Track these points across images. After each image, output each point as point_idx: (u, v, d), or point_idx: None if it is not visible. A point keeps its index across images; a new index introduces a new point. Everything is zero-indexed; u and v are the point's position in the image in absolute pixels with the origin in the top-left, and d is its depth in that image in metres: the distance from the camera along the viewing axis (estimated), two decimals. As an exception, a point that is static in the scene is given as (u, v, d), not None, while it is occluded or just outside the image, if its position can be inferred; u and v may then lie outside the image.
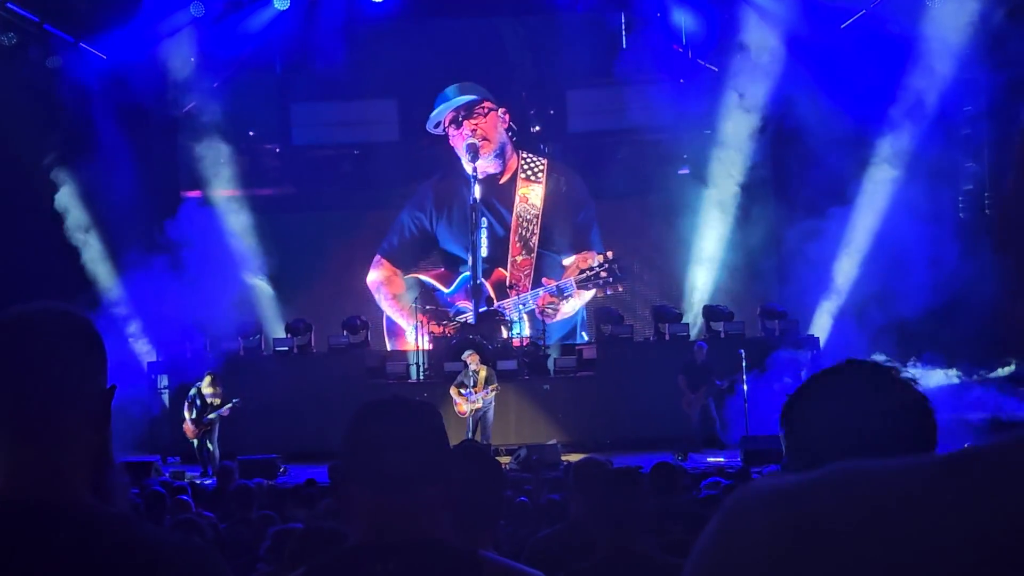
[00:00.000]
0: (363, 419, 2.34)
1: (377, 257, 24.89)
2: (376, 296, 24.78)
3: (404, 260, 24.89)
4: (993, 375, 19.96)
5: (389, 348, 23.80)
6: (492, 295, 23.63)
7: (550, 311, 23.20)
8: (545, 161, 24.89)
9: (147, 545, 1.73)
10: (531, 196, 24.72)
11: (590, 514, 4.19)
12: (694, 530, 1.66)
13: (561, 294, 22.85)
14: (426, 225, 24.91)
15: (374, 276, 24.83)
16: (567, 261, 24.18)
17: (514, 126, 24.76)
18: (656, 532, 4.75)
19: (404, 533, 2.24)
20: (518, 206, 24.57)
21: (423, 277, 24.63)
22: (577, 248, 24.36)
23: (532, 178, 24.80)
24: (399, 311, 24.43)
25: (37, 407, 1.74)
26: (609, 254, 22.08)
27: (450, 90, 24.39)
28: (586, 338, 23.98)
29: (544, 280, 23.79)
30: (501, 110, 24.43)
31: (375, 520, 2.27)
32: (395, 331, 24.62)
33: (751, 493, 0.77)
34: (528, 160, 24.84)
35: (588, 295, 23.33)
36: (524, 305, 23.38)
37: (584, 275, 22.26)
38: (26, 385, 1.74)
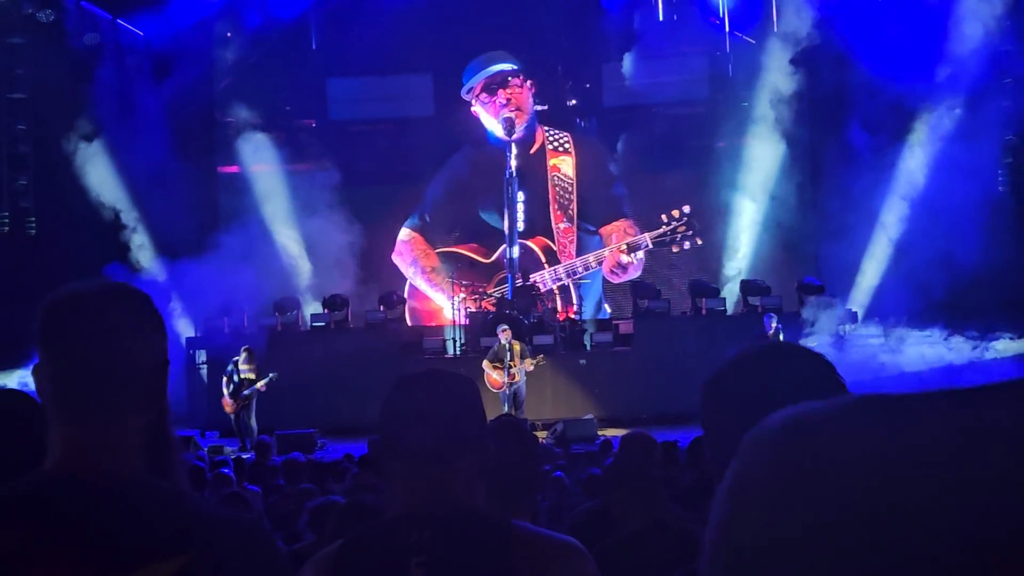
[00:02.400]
0: (399, 392, 2.35)
1: (406, 231, 24.88)
2: (408, 271, 24.77)
3: (435, 233, 24.88)
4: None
5: (409, 323, 23.78)
6: (543, 259, 23.60)
7: (618, 271, 22.99)
8: (568, 134, 24.83)
9: (200, 517, 1.75)
10: (563, 167, 24.66)
11: (626, 487, 4.20)
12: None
13: (634, 252, 22.60)
14: (456, 197, 24.87)
15: (404, 251, 24.83)
16: (605, 230, 24.17)
17: (538, 100, 24.69)
18: (692, 506, 4.76)
19: (439, 504, 2.26)
20: (552, 176, 24.51)
21: (460, 250, 24.61)
22: (610, 220, 24.31)
23: (561, 149, 24.74)
24: (434, 285, 24.44)
25: (95, 381, 1.76)
26: (686, 208, 21.78)
27: (483, 58, 24.31)
28: (608, 310, 23.88)
29: (615, 237, 23.60)
30: (529, 82, 24.37)
31: (411, 492, 2.29)
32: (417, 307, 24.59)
33: (767, 424, 0.74)
34: (552, 133, 24.77)
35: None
36: (587, 268, 23.24)
37: (661, 231, 21.97)
38: (85, 359, 1.76)
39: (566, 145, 24.77)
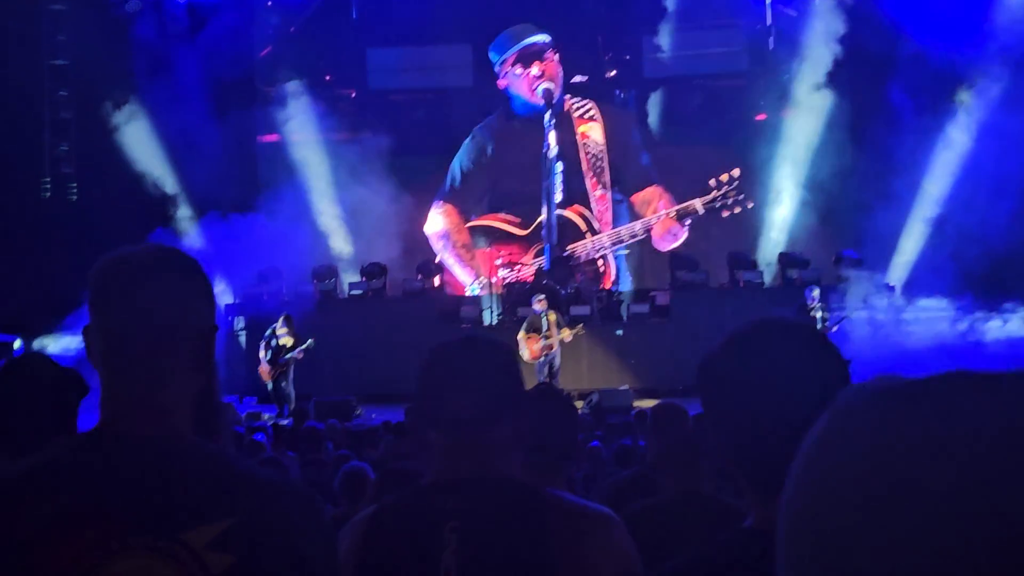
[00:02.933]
0: (437, 359, 2.36)
1: (438, 203, 24.85)
2: (437, 244, 24.74)
3: (466, 204, 24.86)
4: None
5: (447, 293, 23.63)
6: (583, 228, 23.55)
7: (670, 237, 22.95)
8: (592, 102, 24.70)
9: (248, 479, 1.78)
10: (592, 133, 24.55)
11: (661, 457, 4.22)
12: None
13: (684, 219, 22.54)
14: (485, 168, 24.84)
15: (436, 225, 24.81)
16: (636, 197, 24.13)
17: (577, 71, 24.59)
18: (728, 477, 4.78)
19: (475, 471, 2.26)
20: (582, 144, 24.41)
21: (494, 223, 24.57)
22: (641, 187, 24.25)
23: (587, 116, 24.62)
24: (463, 263, 24.41)
25: (146, 344, 1.79)
26: (735, 172, 21.70)
27: (514, 30, 24.19)
28: (630, 280, 23.82)
29: (663, 205, 23.54)
30: (558, 55, 24.23)
31: (448, 459, 2.30)
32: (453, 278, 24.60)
33: (861, 392, 0.74)
34: (577, 102, 24.64)
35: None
36: (634, 237, 23.19)
37: (712, 196, 21.89)
38: (136, 322, 1.79)
39: (591, 113, 24.66)
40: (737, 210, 21.81)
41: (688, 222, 22.66)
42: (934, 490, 0.67)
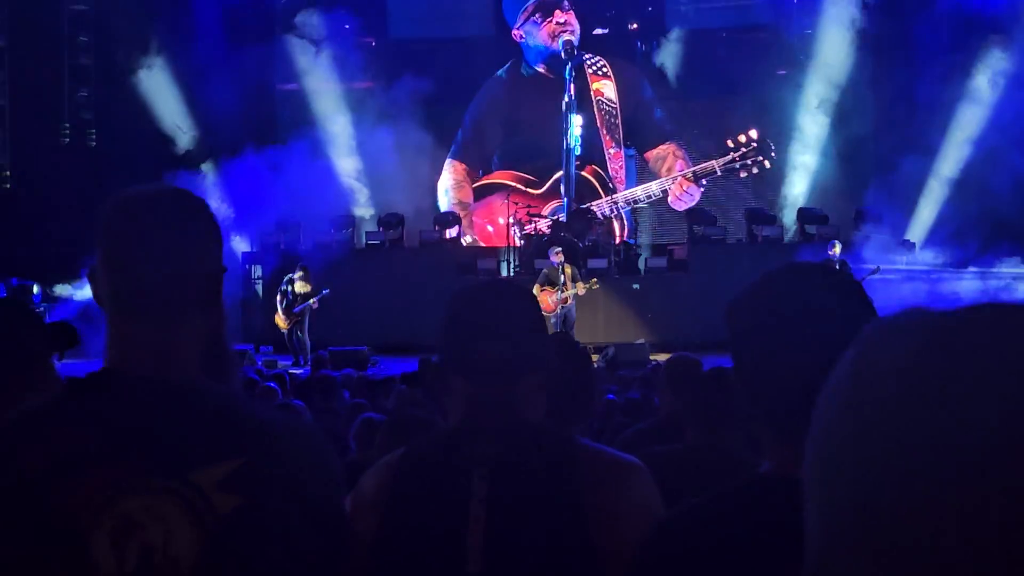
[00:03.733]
0: (461, 305, 2.32)
1: (449, 159, 24.85)
2: (441, 201, 24.78)
3: (477, 158, 24.83)
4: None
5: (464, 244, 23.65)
6: (599, 189, 23.53)
7: (687, 198, 22.95)
8: (603, 59, 24.58)
9: (256, 421, 1.78)
10: (605, 91, 24.47)
11: (678, 411, 4.21)
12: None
13: (701, 180, 22.55)
14: (499, 123, 24.78)
15: (444, 181, 24.82)
16: (650, 154, 24.10)
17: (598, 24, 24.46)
18: (745, 431, 4.76)
19: (502, 419, 2.24)
20: (596, 101, 24.32)
21: (507, 181, 24.51)
22: (654, 144, 24.20)
23: (600, 73, 24.52)
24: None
25: (153, 284, 1.78)
26: (752, 133, 21.67)
27: None
28: (648, 236, 23.70)
29: (679, 165, 23.55)
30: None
31: (474, 406, 2.26)
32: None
33: (891, 320, 0.73)
34: (589, 58, 24.52)
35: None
36: (651, 197, 23.17)
37: (730, 157, 21.88)
38: (143, 262, 1.78)
39: (604, 70, 24.55)
40: (755, 171, 21.83)
41: (705, 182, 22.63)
42: (976, 424, 0.65)
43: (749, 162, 21.69)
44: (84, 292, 19.18)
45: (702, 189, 22.82)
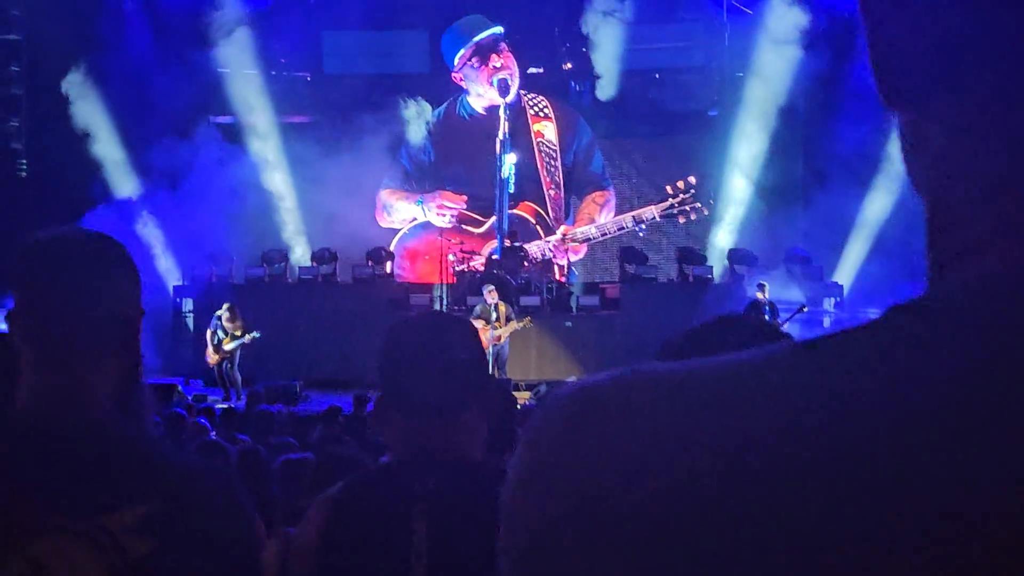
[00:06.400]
0: (400, 338, 2.28)
1: (382, 192, 24.93)
2: (382, 215, 24.88)
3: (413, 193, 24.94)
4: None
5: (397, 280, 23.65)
6: (539, 229, 23.62)
7: (570, 256, 23.15)
8: (545, 99, 24.76)
9: (169, 464, 1.78)
10: (546, 132, 24.62)
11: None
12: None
13: (640, 225, 22.70)
14: (427, 162, 24.87)
15: (379, 201, 24.94)
16: (585, 201, 24.31)
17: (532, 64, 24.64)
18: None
19: (443, 454, 2.21)
20: (537, 142, 24.46)
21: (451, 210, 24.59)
22: (590, 189, 24.43)
23: (542, 115, 24.68)
24: (404, 200, 24.74)
25: (66, 327, 1.78)
26: (691, 179, 21.88)
27: (466, 23, 24.20)
28: (577, 275, 23.89)
29: (600, 213, 23.75)
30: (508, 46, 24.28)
31: (413, 442, 2.24)
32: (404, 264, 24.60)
33: (553, 393, 0.66)
34: (531, 98, 24.68)
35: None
36: (606, 234, 23.29)
37: (668, 203, 22.07)
38: (56, 305, 1.78)
39: (546, 110, 24.72)
40: (693, 217, 22.07)
41: (645, 227, 22.82)
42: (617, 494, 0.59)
43: (687, 208, 21.94)
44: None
45: (641, 232, 23.05)
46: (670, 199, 22.05)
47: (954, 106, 0.63)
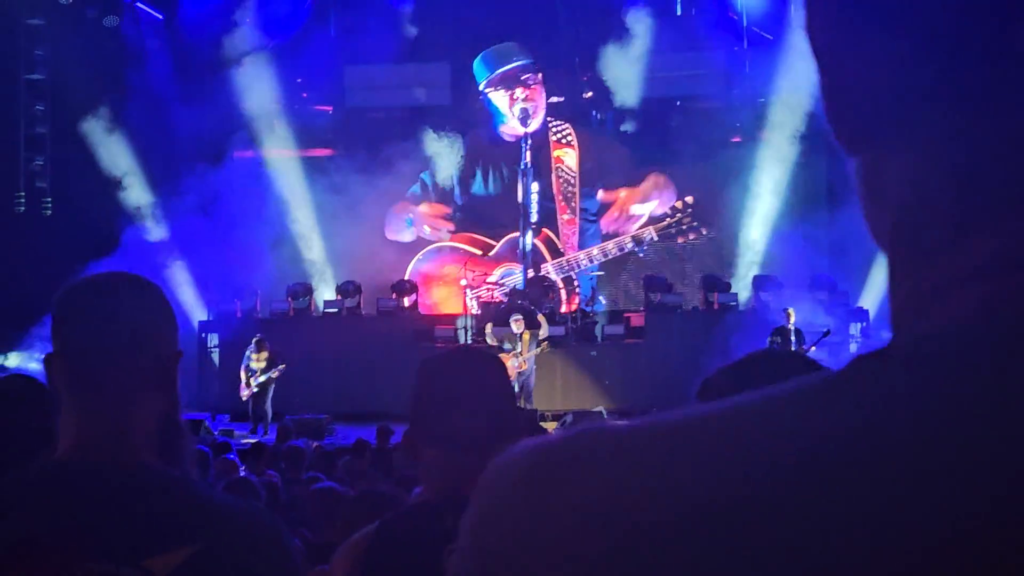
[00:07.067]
0: (432, 374, 2.30)
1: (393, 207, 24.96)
2: (390, 231, 24.85)
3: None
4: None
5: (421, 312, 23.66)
6: (547, 254, 23.64)
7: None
8: (569, 126, 24.84)
9: (211, 506, 1.78)
10: (567, 159, 24.69)
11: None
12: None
13: (640, 245, 22.74)
14: (451, 187, 24.97)
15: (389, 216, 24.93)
16: (605, 218, 24.39)
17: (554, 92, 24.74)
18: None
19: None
20: (556, 168, 24.54)
21: (459, 244, 24.63)
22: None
23: (564, 141, 24.76)
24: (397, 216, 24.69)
25: (107, 371, 1.79)
26: (689, 199, 21.91)
27: (497, 51, 24.33)
28: (603, 302, 23.86)
29: (621, 232, 23.79)
30: (541, 75, 24.40)
31: (448, 477, 2.24)
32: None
33: (504, 456, 0.67)
34: (555, 125, 24.76)
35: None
36: (592, 260, 23.36)
37: (666, 223, 22.11)
38: (98, 349, 1.79)
39: (568, 138, 24.79)
40: (692, 236, 22.08)
41: (645, 246, 22.84)
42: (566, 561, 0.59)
43: (684, 227, 21.94)
44: (36, 364, 19.00)
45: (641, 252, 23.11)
46: (668, 219, 22.10)
47: (912, 152, 0.65)
